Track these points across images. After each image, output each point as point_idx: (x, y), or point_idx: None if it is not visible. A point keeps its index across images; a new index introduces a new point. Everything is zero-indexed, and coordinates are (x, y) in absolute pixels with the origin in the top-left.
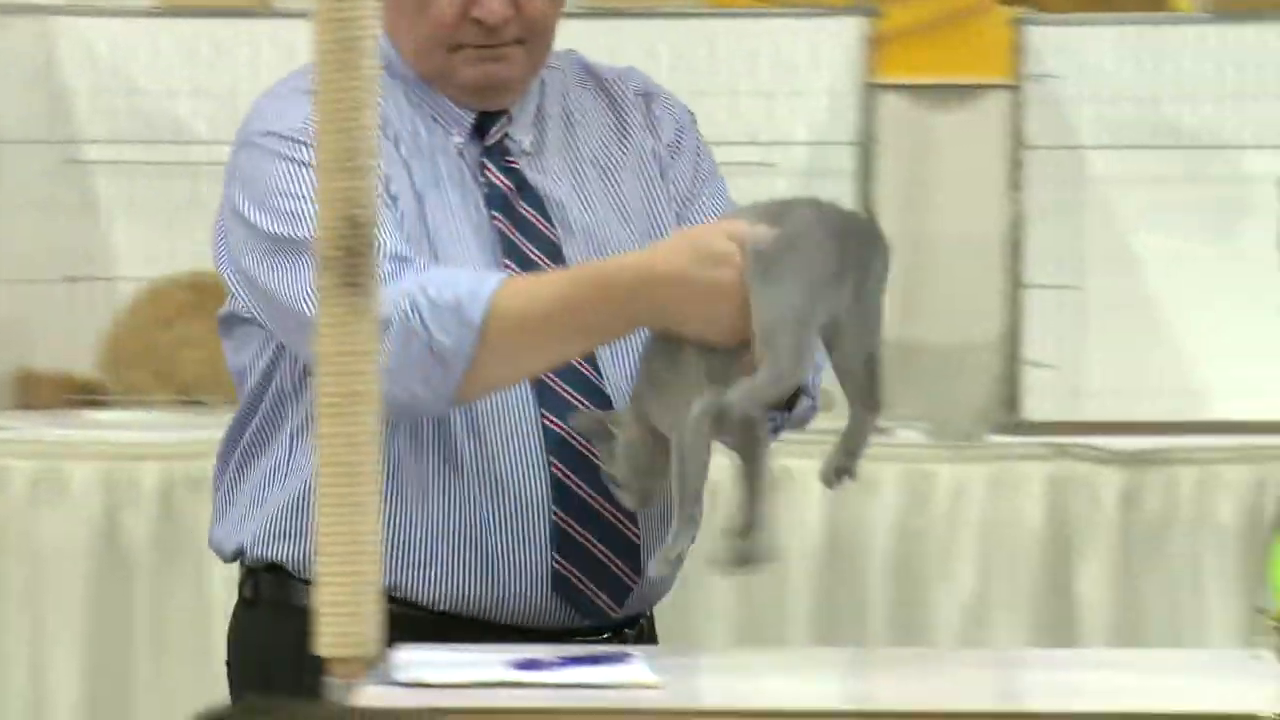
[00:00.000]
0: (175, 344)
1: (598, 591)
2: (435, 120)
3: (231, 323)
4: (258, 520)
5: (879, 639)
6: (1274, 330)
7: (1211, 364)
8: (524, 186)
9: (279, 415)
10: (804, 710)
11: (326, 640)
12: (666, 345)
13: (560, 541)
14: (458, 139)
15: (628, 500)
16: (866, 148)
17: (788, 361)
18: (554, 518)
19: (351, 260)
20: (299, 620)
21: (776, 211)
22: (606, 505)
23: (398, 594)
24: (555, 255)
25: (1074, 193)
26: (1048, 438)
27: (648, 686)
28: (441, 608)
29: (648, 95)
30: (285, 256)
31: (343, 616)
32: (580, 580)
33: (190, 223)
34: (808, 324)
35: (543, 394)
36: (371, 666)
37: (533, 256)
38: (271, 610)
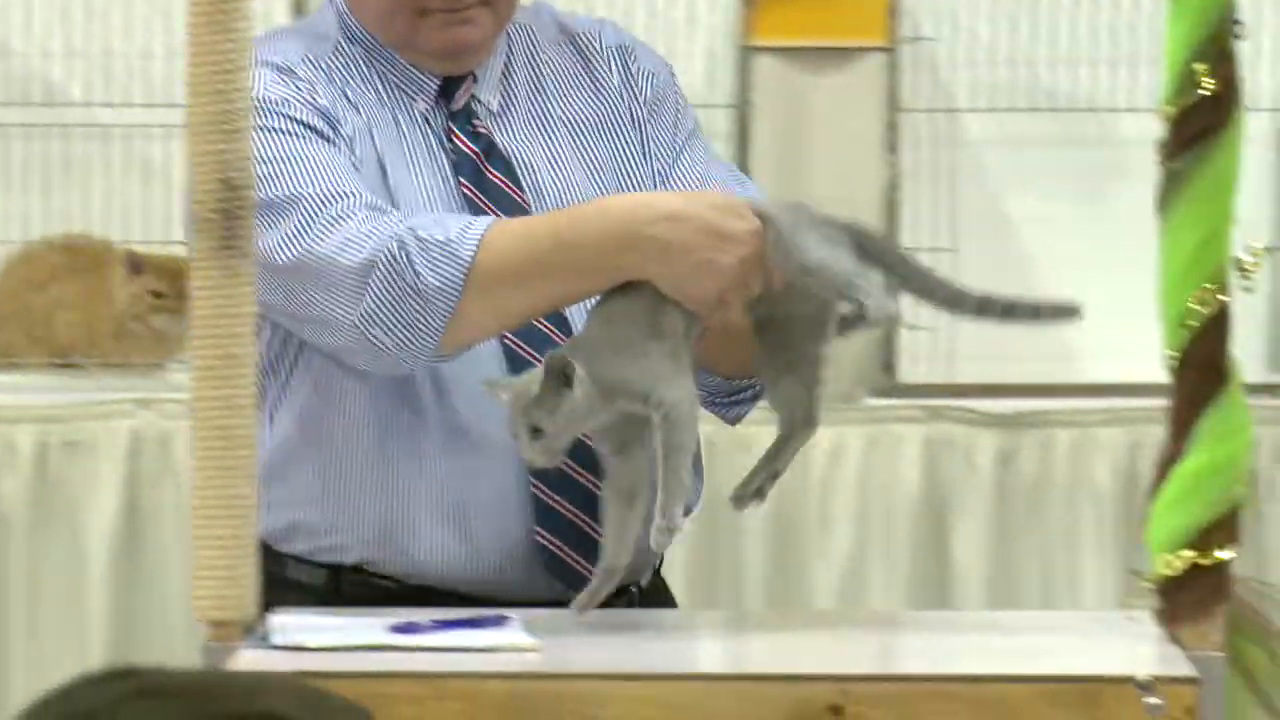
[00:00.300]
0: (49, 306)
1: (582, 562)
2: (398, 87)
3: None
4: None
5: (756, 601)
6: (1147, 293)
7: (1086, 327)
8: (492, 151)
9: (260, 388)
10: (678, 674)
11: (202, 603)
12: (630, 303)
13: (540, 513)
14: (423, 105)
15: (538, 457)
16: (742, 110)
17: (865, 283)
18: (532, 489)
19: (228, 223)
20: (279, 590)
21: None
22: (586, 474)
23: (377, 569)
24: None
25: (949, 156)
26: (923, 400)
27: (524, 649)
28: (422, 583)
29: (623, 49)
30: (260, 216)
31: (218, 579)
32: (563, 551)
33: (64, 185)
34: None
35: (514, 363)
36: (249, 630)
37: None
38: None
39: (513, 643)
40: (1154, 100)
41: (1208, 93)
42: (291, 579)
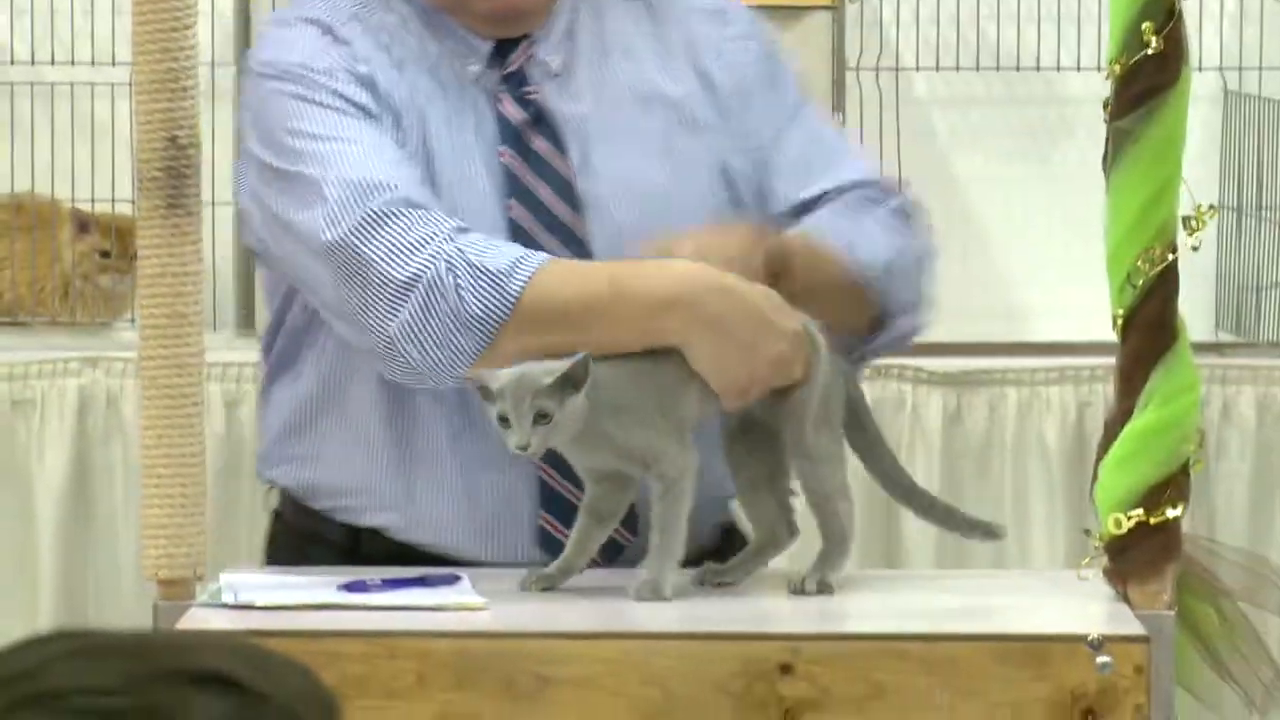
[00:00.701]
0: None
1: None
2: (450, 49)
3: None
4: (265, 444)
5: None
6: (1094, 252)
7: (1033, 286)
8: (540, 119)
9: (293, 348)
10: (628, 632)
11: (151, 562)
12: (656, 369)
13: (546, 497)
14: (474, 67)
15: (532, 441)
16: None
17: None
18: (540, 473)
19: (174, 182)
20: (305, 543)
21: None
22: None
23: (391, 534)
24: (567, 193)
25: (894, 114)
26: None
27: (472, 608)
28: (440, 554)
29: (715, 14)
30: (299, 191)
31: (167, 538)
32: (566, 536)
33: (9, 144)
34: None
35: None
36: (200, 587)
37: (541, 196)
38: (286, 530)
39: (461, 601)
40: (1100, 59)
41: (1154, 51)
42: (316, 532)
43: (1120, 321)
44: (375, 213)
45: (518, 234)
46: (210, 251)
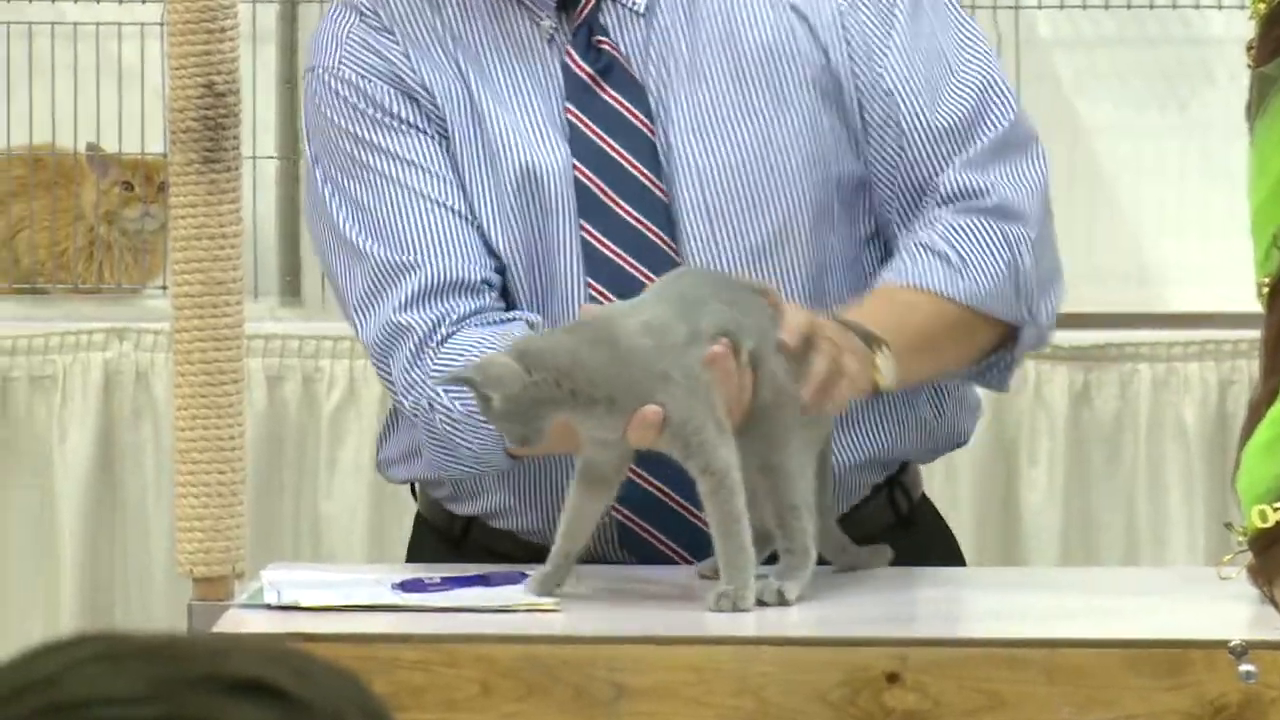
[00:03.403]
0: (12, 226)
1: (665, 539)
2: (518, 6)
3: None
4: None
5: None
6: (1237, 211)
7: (1169, 249)
8: (612, 70)
9: None
10: (715, 637)
11: (186, 557)
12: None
13: (624, 489)
14: (547, 22)
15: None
16: None
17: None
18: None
19: (211, 133)
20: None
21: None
22: None
23: (501, 523)
24: (645, 151)
25: (1014, 57)
26: None
27: (544, 609)
28: (539, 543)
29: None
30: (346, 261)
31: (204, 531)
32: (634, 523)
33: (26, 90)
34: None
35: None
36: (240, 586)
37: (612, 153)
38: (426, 527)
39: (531, 602)
40: None
41: None
42: (429, 520)
43: (1266, 289)
44: (390, 328)
45: (584, 197)
46: (251, 211)
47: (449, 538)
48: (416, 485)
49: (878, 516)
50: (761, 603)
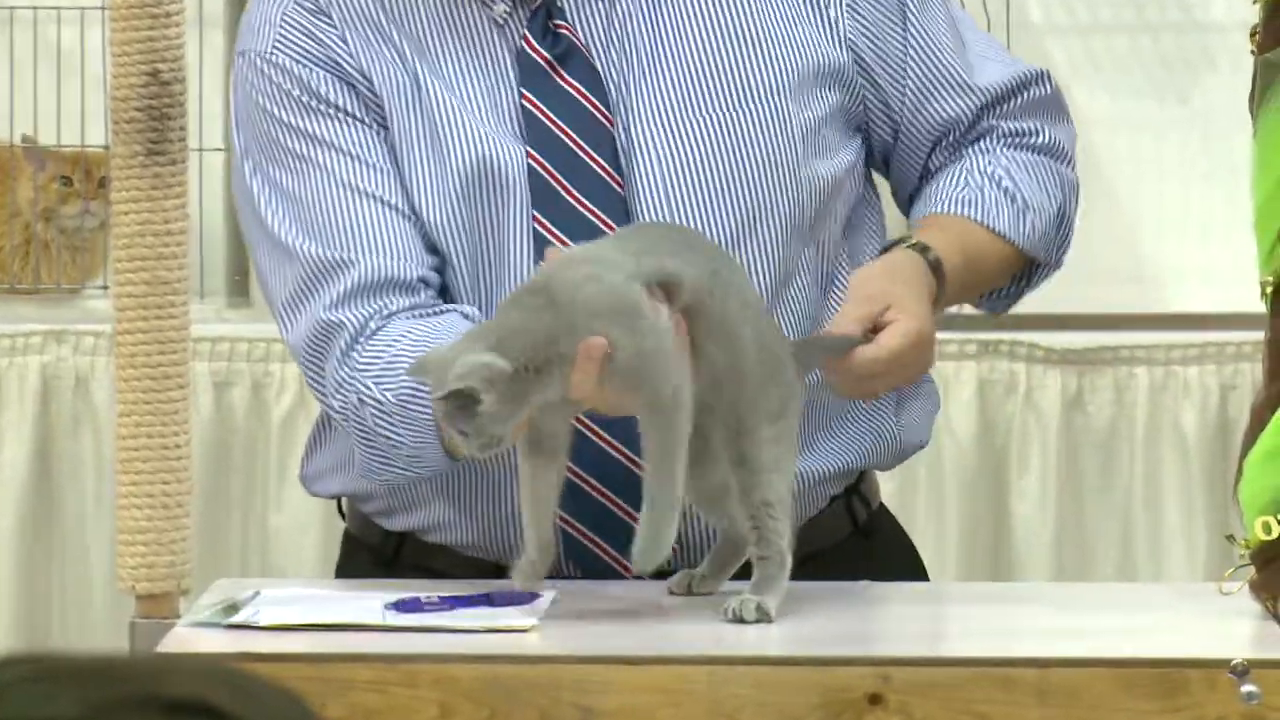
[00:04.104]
0: None
1: (614, 552)
2: None
3: None
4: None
5: None
6: (1239, 207)
7: (1167, 247)
8: (570, 54)
9: None
10: (690, 657)
11: (128, 572)
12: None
13: (571, 503)
14: (500, 7)
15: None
16: None
17: None
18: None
19: (155, 124)
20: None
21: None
22: (626, 453)
23: (437, 537)
24: (603, 142)
25: (1004, 43)
26: (977, 334)
27: (516, 630)
28: (490, 559)
29: None
30: (277, 258)
31: (147, 545)
32: (593, 541)
33: None
34: None
35: None
36: (184, 603)
37: (569, 142)
38: (355, 545)
39: (509, 624)
40: None
41: None
42: (359, 538)
43: (1270, 289)
44: (320, 326)
45: (538, 185)
46: (197, 206)
47: (381, 557)
48: (344, 501)
49: (835, 527)
50: (740, 620)
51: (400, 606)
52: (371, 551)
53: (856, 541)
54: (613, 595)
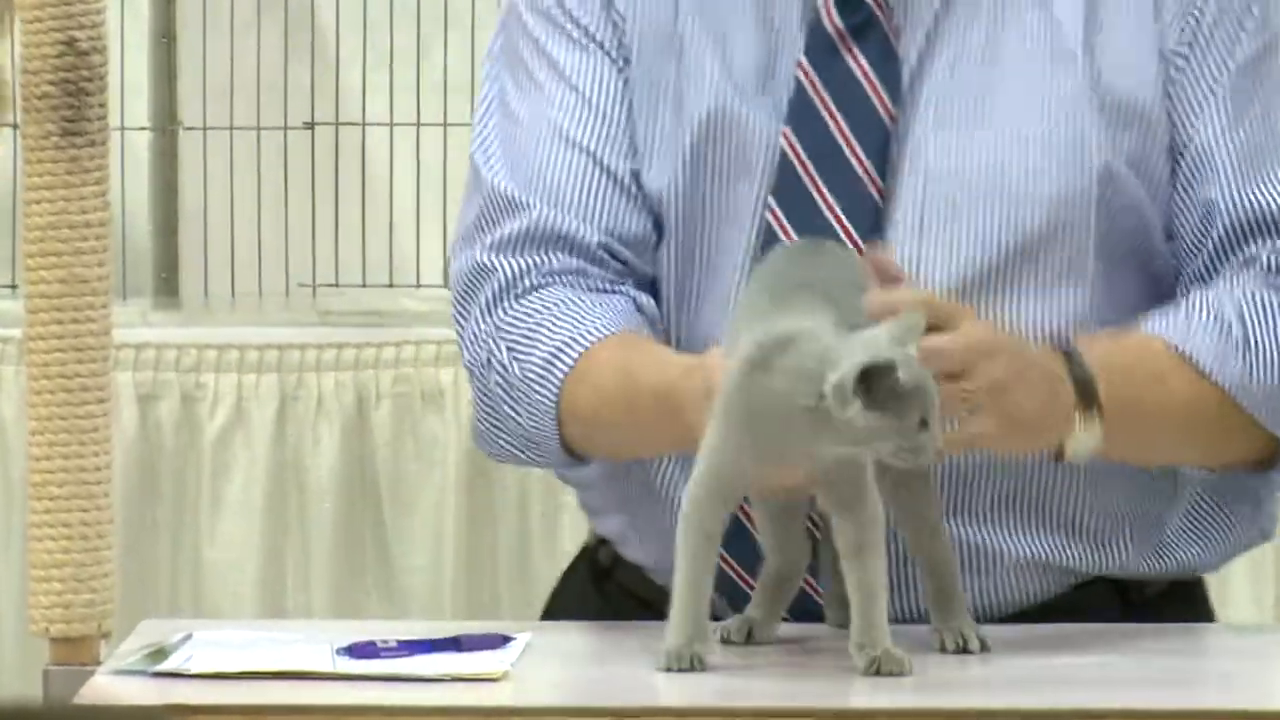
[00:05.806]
0: None
1: (746, 576)
2: None
3: None
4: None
5: None
6: None
7: None
8: (868, 28)
9: None
10: (666, 708)
11: (41, 613)
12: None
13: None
14: None
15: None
16: None
17: None
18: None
19: (72, 100)
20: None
21: None
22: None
23: (628, 554)
24: (871, 136)
25: None
26: None
27: (486, 678)
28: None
29: None
30: (473, 181)
31: (63, 581)
32: (728, 564)
33: None
34: None
35: None
36: (105, 647)
37: (834, 129)
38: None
39: (477, 671)
40: None
41: None
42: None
43: None
44: (474, 269)
45: (786, 171)
46: (120, 194)
47: (596, 568)
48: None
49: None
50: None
51: (353, 652)
52: (589, 564)
53: None
54: (593, 636)
